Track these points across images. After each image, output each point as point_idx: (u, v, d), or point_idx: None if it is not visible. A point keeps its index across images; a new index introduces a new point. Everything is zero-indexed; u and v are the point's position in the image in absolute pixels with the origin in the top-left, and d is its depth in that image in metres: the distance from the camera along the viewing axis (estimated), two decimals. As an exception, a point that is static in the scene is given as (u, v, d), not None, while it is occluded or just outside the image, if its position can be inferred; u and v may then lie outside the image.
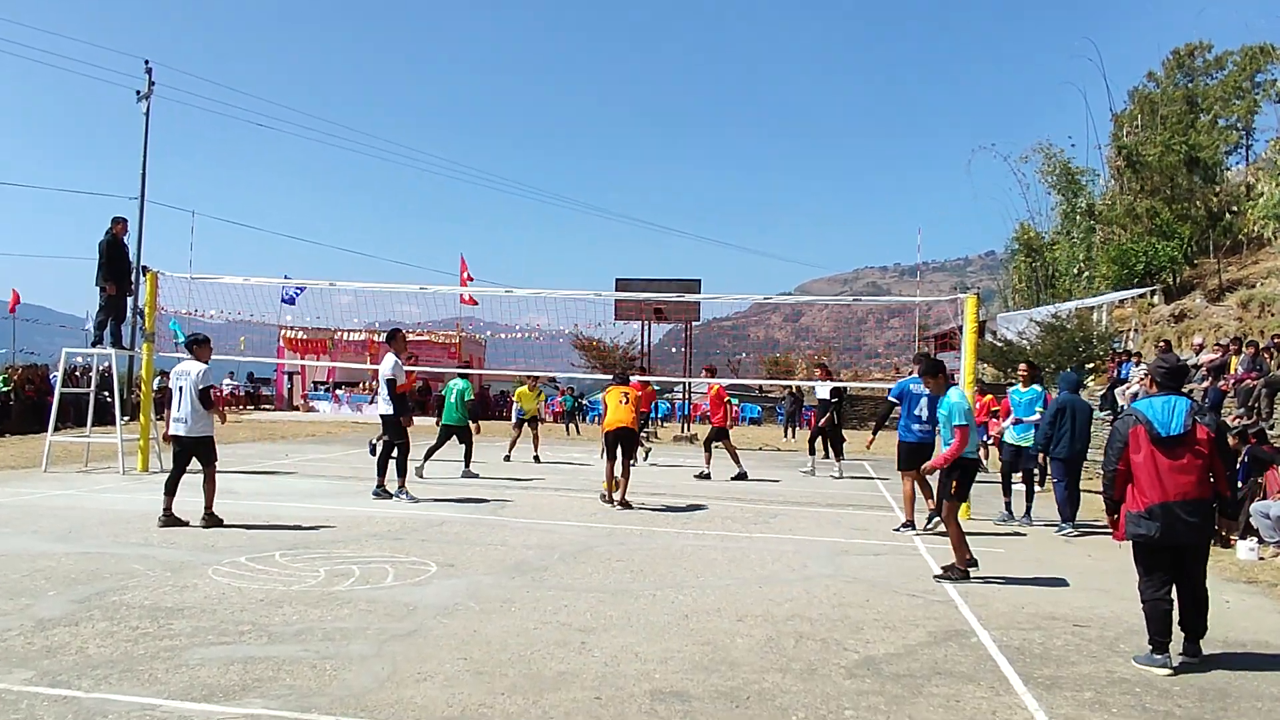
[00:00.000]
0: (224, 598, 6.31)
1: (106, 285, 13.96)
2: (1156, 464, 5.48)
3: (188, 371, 9.26)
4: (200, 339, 9.61)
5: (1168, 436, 5.46)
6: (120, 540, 8.27)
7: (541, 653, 5.32)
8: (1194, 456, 5.47)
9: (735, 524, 10.46)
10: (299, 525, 9.34)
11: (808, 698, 4.73)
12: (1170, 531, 5.45)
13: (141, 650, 5.09)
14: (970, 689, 4.94)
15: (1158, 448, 5.48)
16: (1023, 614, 6.66)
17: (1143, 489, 5.52)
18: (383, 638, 5.50)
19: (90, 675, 4.66)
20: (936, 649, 5.68)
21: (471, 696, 4.57)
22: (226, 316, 17.97)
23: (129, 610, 5.90)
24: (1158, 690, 5.05)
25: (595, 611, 6.30)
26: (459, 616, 6.05)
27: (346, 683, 4.70)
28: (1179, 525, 5.43)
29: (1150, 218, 31.37)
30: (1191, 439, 5.48)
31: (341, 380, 36.75)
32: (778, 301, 19.15)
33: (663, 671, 5.06)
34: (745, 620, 6.20)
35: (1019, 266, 41.53)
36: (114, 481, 12.57)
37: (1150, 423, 5.51)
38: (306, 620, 5.82)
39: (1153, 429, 5.49)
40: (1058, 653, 5.70)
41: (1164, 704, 4.83)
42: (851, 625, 6.17)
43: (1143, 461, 5.52)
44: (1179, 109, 34.94)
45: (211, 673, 4.76)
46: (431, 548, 8.38)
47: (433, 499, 11.56)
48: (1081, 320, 25.61)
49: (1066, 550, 9.53)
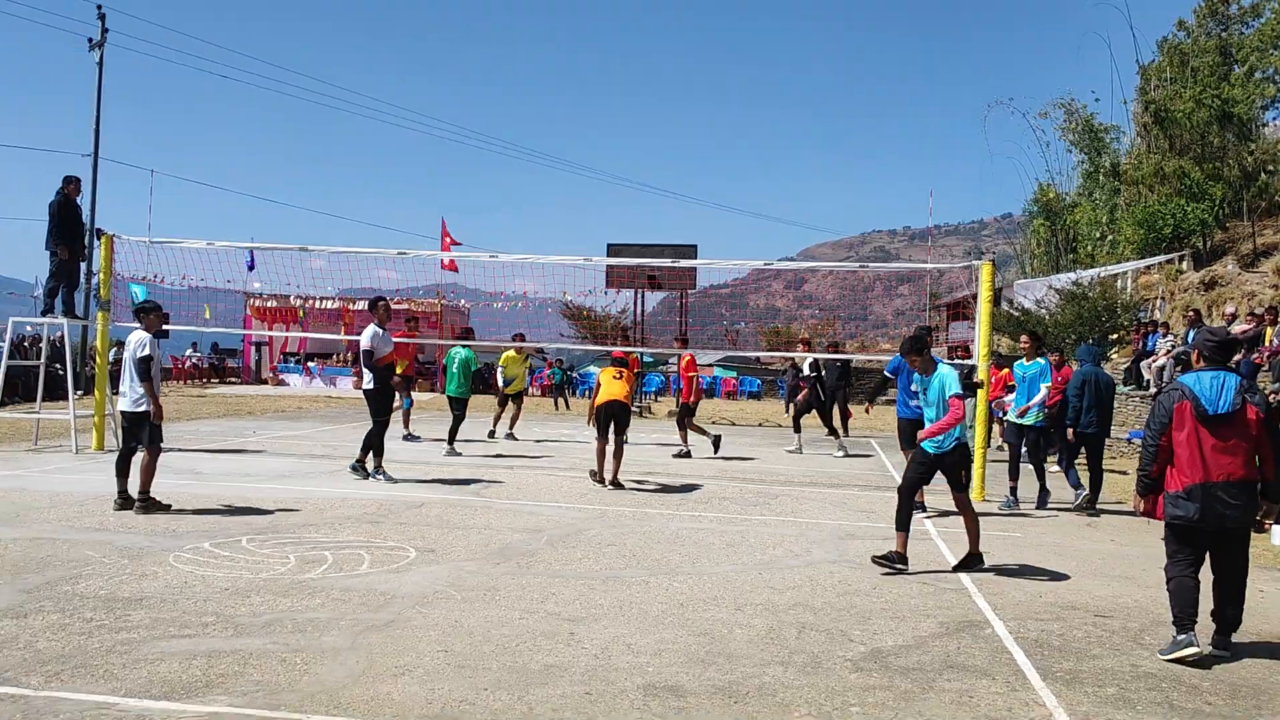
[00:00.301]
0: (186, 587, 6.28)
1: (58, 249, 13.83)
2: (1200, 442, 5.51)
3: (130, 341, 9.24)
4: (149, 306, 9.45)
5: (1215, 415, 5.48)
6: (73, 525, 8.23)
7: (528, 644, 5.31)
8: (1240, 437, 5.49)
9: (734, 506, 10.47)
10: (267, 508, 9.31)
11: (811, 693, 4.73)
12: (1210, 514, 5.47)
13: (96, 644, 5.06)
14: (984, 684, 4.95)
15: (1203, 425, 5.50)
16: (1040, 603, 6.68)
17: (1183, 468, 5.56)
18: (358, 629, 5.48)
19: (40, 671, 4.63)
20: (948, 641, 5.68)
21: (453, 692, 4.56)
22: (189, 283, 17.84)
23: (83, 601, 5.87)
24: (1186, 686, 5.06)
25: (585, 600, 6.29)
26: (439, 606, 6.03)
27: (319, 677, 4.68)
28: (1219, 507, 5.46)
29: (1179, 178, 31.27)
30: (1240, 418, 5.49)
31: (313, 351, 36.62)
32: (779, 268, 19.11)
33: (656, 664, 5.05)
34: (744, 609, 6.20)
35: (1037, 230, 41.45)
36: (66, 461, 12.51)
37: (1197, 399, 5.52)
38: (275, 610, 5.79)
39: (1199, 405, 5.51)
40: (1078, 645, 5.71)
41: (1193, 700, 4.84)
42: (858, 615, 6.18)
43: (1186, 439, 5.55)
44: (1211, 60, 34.70)
45: (172, 668, 4.74)
46: (410, 532, 8.37)
47: (412, 479, 11.54)
48: (1104, 288, 25.54)
49: (1088, 535, 9.56)
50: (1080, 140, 38.55)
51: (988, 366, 11.83)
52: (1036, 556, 8.30)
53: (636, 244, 27.10)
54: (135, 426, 9.00)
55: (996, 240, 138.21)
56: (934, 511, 10.35)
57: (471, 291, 39.58)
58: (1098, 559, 8.31)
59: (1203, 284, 26.67)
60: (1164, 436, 5.64)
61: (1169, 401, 5.65)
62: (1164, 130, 33.31)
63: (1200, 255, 29.70)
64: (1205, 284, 26.61)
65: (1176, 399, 5.61)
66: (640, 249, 25.99)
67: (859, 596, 6.67)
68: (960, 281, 44.86)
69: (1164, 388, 5.89)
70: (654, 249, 26.08)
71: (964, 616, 6.24)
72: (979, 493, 11.48)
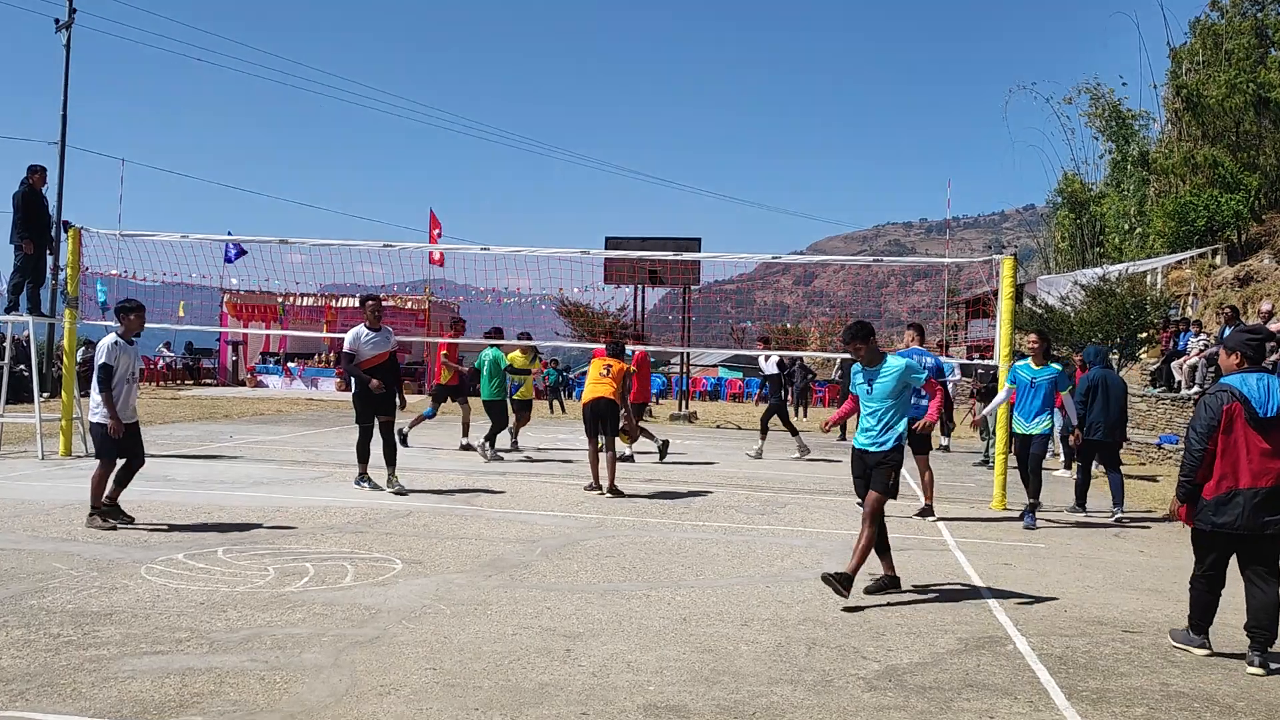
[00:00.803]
0: (159, 600, 6.29)
1: (23, 243, 13.84)
2: (1248, 447, 5.59)
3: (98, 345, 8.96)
4: (129, 305, 9.13)
5: (1266, 418, 5.57)
6: (39, 535, 8.23)
7: (521, 662, 5.31)
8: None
9: (739, 514, 10.48)
10: (245, 517, 9.32)
11: (822, 713, 4.73)
12: (1255, 520, 5.57)
13: (64, 661, 5.06)
14: (1006, 703, 4.95)
15: (1254, 429, 5.58)
16: (1065, 618, 6.68)
17: (1228, 473, 5.64)
18: (341, 645, 5.49)
19: (4, 690, 4.63)
20: (967, 658, 5.69)
21: (442, 712, 4.56)
22: (162, 278, 17.81)
23: (49, 615, 5.87)
24: (1220, 706, 5.06)
25: (582, 614, 6.30)
26: (427, 621, 6.03)
27: (299, 697, 4.69)
28: (1265, 514, 5.56)
29: (1212, 167, 31.30)
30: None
31: (294, 351, 36.66)
32: (788, 261, 19.21)
33: (658, 683, 5.05)
34: (751, 624, 6.21)
35: (1062, 222, 41.52)
36: (31, 468, 12.52)
37: (1248, 401, 5.60)
38: (253, 626, 5.80)
39: (1250, 408, 5.59)
40: (1105, 662, 5.72)
41: (1225, 720, 4.85)
42: (871, 631, 6.18)
43: (1233, 443, 5.62)
44: (1247, 42, 34.71)
45: (144, 686, 4.74)
46: (396, 542, 8.37)
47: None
48: (1133, 284, 25.58)
49: (1115, 545, 9.57)
50: (1107, 127, 38.62)
51: (1010, 367, 11.83)
52: (1061, 568, 8.31)
53: (637, 237, 27.09)
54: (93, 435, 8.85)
55: (1018, 233, 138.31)
56: (935, 516, 10.40)
57: (462, 287, 39.60)
58: (1126, 570, 8.32)
59: (1237, 279, 26.69)
60: (1211, 441, 5.69)
61: (1217, 404, 5.69)
62: (1196, 117, 33.34)
63: (1234, 249, 29.73)
64: (1240, 279, 26.63)
65: (1226, 400, 5.66)
66: (641, 242, 25.99)
67: (872, 611, 6.67)
68: (980, 277, 44.83)
69: (1209, 389, 5.96)
70: (655, 242, 26.08)
71: (984, 632, 6.25)
72: (999, 502, 11.50)
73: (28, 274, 14.13)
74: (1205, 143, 33.05)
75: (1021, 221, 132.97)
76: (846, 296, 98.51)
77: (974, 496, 12.46)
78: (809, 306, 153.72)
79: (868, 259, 22.53)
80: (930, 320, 50.87)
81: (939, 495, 12.31)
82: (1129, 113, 38.33)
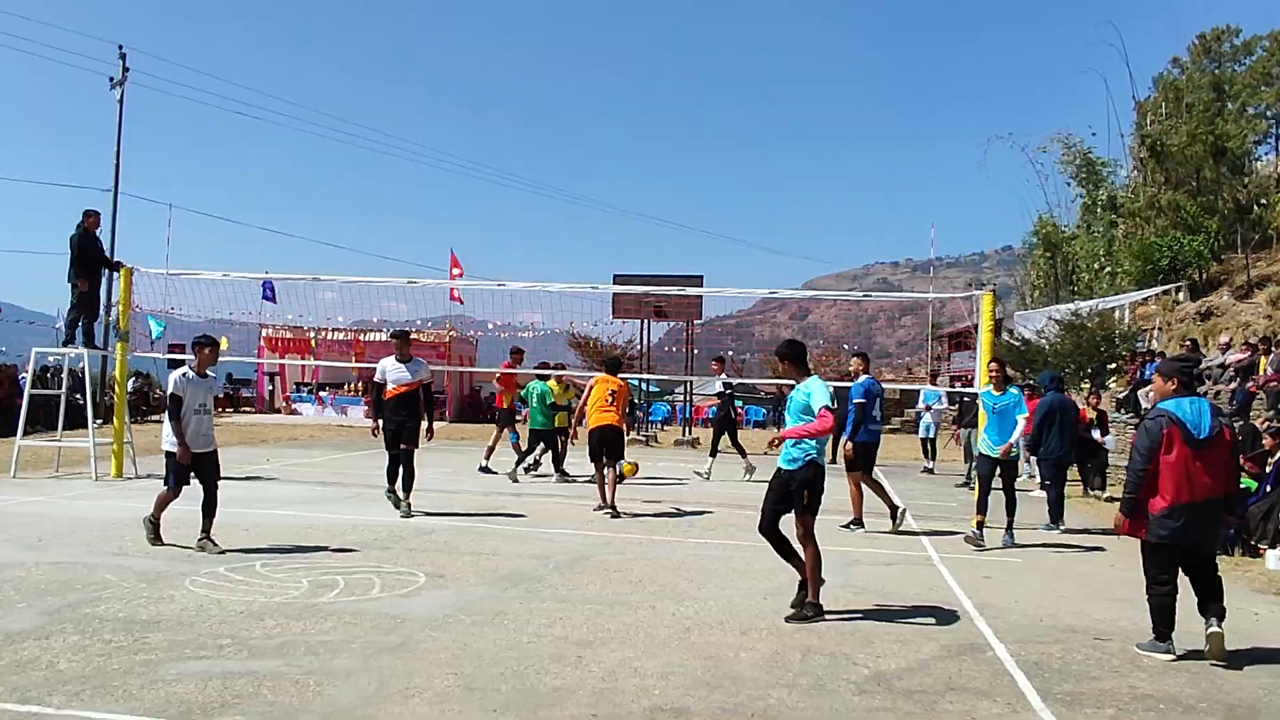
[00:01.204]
0: (202, 610, 6.31)
1: (79, 281, 13.95)
2: (1187, 465, 5.80)
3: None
4: (203, 340, 8.78)
5: (1201, 439, 5.80)
6: (93, 549, 8.27)
7: (535, 667, 5.32)
8: (1220, 459, 5.87)
9: (739, 532, 10.46)
10: (281, 534, 9.34)
11: (815, 715, 4.73)
12: (1195, 531, 5.85)
13: (115, 665, 5.10)
14: (986, 705, 4.95)
15: (1190, 449, 5.80)
16: (1041, 626, 6.67)
17: (1169, 490, 5.84)
18: (369, 651, 5.50)
19: (61, 691, 4.66)
20: (950, 663, 5.68)
21: (462, 714, 4.57)
22: (205, 315, 17.94)
23: (102, 623, 5.90)
24: (1183, 707, 5.05)
25: (592, 624, 6.30)
26: (449, 629, 6.05)
27: (331, 699, 4.71)
28: (1203, 524, 5.86)
29: (1174, 210, 31.38)
30: (1220, 440, 5.87)
31: (325, 381, 36.75)
32: (784, 297, 19.22)
33: (663, 687, 5.06)
34: (749, 634, 6.21)
35: (1037, 262, 41.50)
36: (86, 488, 12.57)
37: (1184, 424, 5.82)
38: (289, 633, 5.82)
39: (1186, 431, 5.81)
40: (1078, 667, 5.71)
41: (1189, 721, 4.84)
42: (861, 639, 6.18)
43: (1174, 462, 5.81)
44: (1205, 96, 34.92)
45: (189, 689, 4.76)
46: (420, 557, 8.39)
47: (423, 511, 11.55)
48: (1103, 319, 25.57)
49: (1087, 559, 9.54)
50: (1078, 174, 38.70)
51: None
52: (1037, 580, 8.29)
53: (643, 275, 27.18)
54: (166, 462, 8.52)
55: (997, 272, 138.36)
56: (918, 529, 10.38)
57: (480, 322, 39.72)
58: (1098, 583, 8.30)
59: (1199, 314, 26.70)
60: (1152, 461, 5.87)
61: (1157, 428, 5.88)
62: (1160, 164, 33.48)
63: (1196, 286, 29.75)
64: (1201, 314, 26.64)
65: (1165, 424, 5.85)
66: (646, 279, 26.09)
67: (862, 620, 6.66)
68: (962, 312, 44.86)
69: (1148, 414, 6.17)
70: (660, 279, 26.18)
71: (966, 639, 6.24)
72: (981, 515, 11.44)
73: (83, 310, 14.24)
74: (1168, 188, 33.15)
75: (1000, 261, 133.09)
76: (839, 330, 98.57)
77: (955, 515, 12.42)
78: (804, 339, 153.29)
79: (858, 295, 22.56)
80: (917, 353, 50.85)
81: (923, 514, 12.32)
82: (1099, 160, 38.45)
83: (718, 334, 67.39)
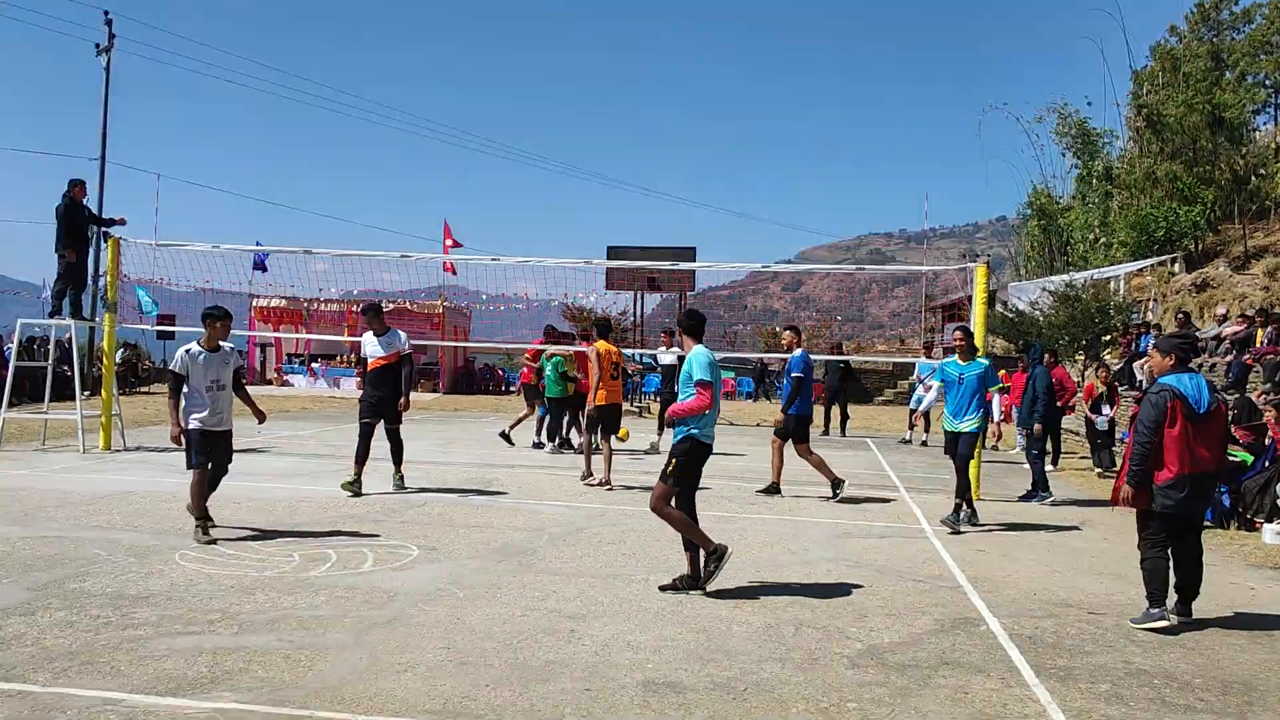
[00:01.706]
0: (191, 585, 6.28)
1: (66, 252, 13.82)
2: (1188, 438, 6.02)
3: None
4: (215, 313, 8.13)
5: (1202, 413, 6.05)
6: (80, 524, 8.22)
7: (529, 641, 5.31)
8: (1217, 432, 6.16)
9: (731, 504, 10.47)
10: (271, 507, 9.31)
11: (808, 689, 4.73)
12: (1195, 501, 6.08)
13: (103, 641, 5.06)
14: (979, 680, 4.95)
15: (1191, 423, 6.03)
16: (1034, 601, 6.68)
17: (1174, 462, 6.04)
18: (361, 626, 5.48)
19: (48, 668, 4.62)
20: (944, 638, 5.68)
21: (455, 688, 4.56)
22: (194, 286, 17.83)
23: (90, 598, 5.86)
24: (1179, 682, 5.06)
25: (585, 597, 6.29)
26: (441, 603, 6.03)
27: (322, 674, 4.68)
28: (1202, 495, 6.13)
29: (1171, 181, 31.29)
30: (1218, 414, 6.15)
31: (317, 353, 36.60)
32: (777, 270, 19.12)
33: (656, 661, 5.05)
34: (742, 607, 6.20)
35: (1032, 233, 41.44)
36: (73, 461, 12.51)
37: (1186, 399, 6.05)
38: (279, 608, 5.79)
39: (1188, 405, 6.04)
40: (1071, 642, 5.72)
41: (1185, 697, 4.84)
42: (855, 612, 6.18)
43: (1177, 436, 6.03)
44: (1203, 65, 34.70)
45: (178, 664, 4.74)
46: (412, 530, 8.36)
47: (416, 486, 11.52)
48: (1097, 290, 25.54)
49: (1081, 534, 9.56)
50: (1074, 144, 38.55)
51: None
52: (1031, 554, 8.31)
53: (636, 246, 27.08)
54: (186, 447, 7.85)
55: (991, 243, 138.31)
56: (913, 504, 10.37)
57: (473, 294, 39.58)
58: (1090, 556, 8.31)
59: (1194, 286, 26.67)
60: (1157, 433, 6.07)
61: (1162, 402, 6.09)
62: (1156, 134, 33.30)
63: (1192, 258, 29.71)
64: (1197, 286, 26.62)
65: (1169, 399, 6.07)
66: (640, 251, 25.98)
67: (855, 594, 6.66)
68: (955, 283, 44.85)
69: (1150, 389, 6.34)
70: (654, 251, 26.08)
71: (959, 614, 6.24)
72: (975, 491, 11.45)
73: (70, 280, 14.12)
74: (1165, 159, 33.01)
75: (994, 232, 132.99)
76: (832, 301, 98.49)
77: (950, 487, 12.43)
78: (797, 311, 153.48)
79: (851, 267, 22.50)
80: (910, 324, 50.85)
81: (916, 486, 12.34)
82: (1094, 131, 38.29)
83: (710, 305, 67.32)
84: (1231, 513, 9.95)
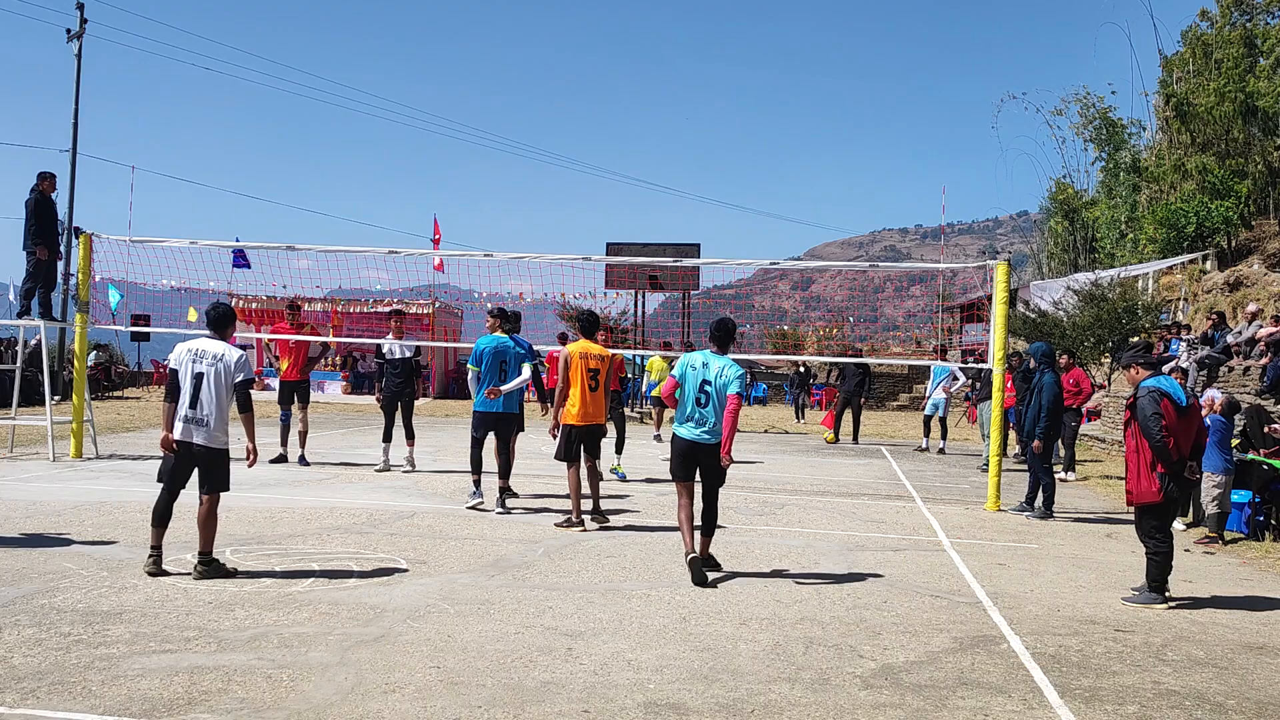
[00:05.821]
0: (168, 600, 6.28)
1: (37, 249, 13.82)
2: (1178, 431, 7.02)
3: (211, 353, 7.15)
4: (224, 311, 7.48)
5: (1186, 406, 7.10)
6: (50, 536, 8.22)
7: (523, 660, 5.31)
8: (1194, 424, 7.19)
9: (738, 516, 10.46)
10: (252, 517, 9.31)
11: (819, 711, 4.72)
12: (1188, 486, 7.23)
13: (74, 659, 5.06)
14: (1000, 701, 4.95)
15: (1179, 417, 7.05)
16: (1058, 617, 6.68)
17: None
18: (346, 644, 5.48)
19: (15, 689, 4.62)
20: (962, 656, 5.68)
21: (445, 710, 4.55)
22: (171, 284, 17.81)
23: (60, 615, 5.86)
24: (1211, 704, 5.05)
25: (583, 613, 6.29)
26: (431, 620, 6.03)
27: (305, 695, 4.68)
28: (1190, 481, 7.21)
29: (1202, 174, 31.28)
30: (1195, 409, 7.26)
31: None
32: (786, 267, 19.10)
33: (658, 681, 5.05)
34: (749, 624, 6.20)
35: (1055, 229, 41.48)
36: (43, 469, 12.51)
37: (1171, 395, 7.07)
38: (260, 625, 5.79)
39: (1176, 402, 7.06)
40: (1097, 661, 5.71)
41: (1217, 718, 4.83)
42: (868, 630, 6.17)
43: (1172, 428, 7.00)
44: (1236, 52, 34.70)
45: (153, 684, 4.73)
46: (401, 542, 8.36)
47: (405, 494, 11.53)
48: (1125, 289, 25.51)
49: (1107, 546, 9.56)
50: (1097, 136, 38.57)
51: (1003, 371, 11.83)
52: (1054, 568, 8.30)
53: (637, 243, 27.07)
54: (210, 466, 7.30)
55: (1012, 239, 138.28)
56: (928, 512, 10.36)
57: (465, 292, 39.52)
58: (1117, 571, 8.30)
59: (1227, 284, 26.63)
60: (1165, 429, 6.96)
61: (1156, 400, 7.04)
62: (1186, 124, 33.30)
63: (1224, 254, 29.70)
64: (1230, 284, 26.58)
65: (1160, 398, 7.04)
66: (641, 248, 25.97)
67: (869, 611, 6.66)
68: (974, 282, 44.82)
69: (1139, 393, 7.24)
70: (655, 248, 26.07)
71: (978, 631, 6.24)
72: (993, 503, 11.46)
73: (39, 279, 14.12)
74: (1195, 150, 33.01)
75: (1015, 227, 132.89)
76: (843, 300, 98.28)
77: (968, 498, 12.45)
78: (806, 311, 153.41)
79: (864, 265, 22.45)
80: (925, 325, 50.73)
81: (933, 497, 12.32)
82: (1119, 121, 38.30)
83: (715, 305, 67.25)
84: (1266, 524, 9.95)
